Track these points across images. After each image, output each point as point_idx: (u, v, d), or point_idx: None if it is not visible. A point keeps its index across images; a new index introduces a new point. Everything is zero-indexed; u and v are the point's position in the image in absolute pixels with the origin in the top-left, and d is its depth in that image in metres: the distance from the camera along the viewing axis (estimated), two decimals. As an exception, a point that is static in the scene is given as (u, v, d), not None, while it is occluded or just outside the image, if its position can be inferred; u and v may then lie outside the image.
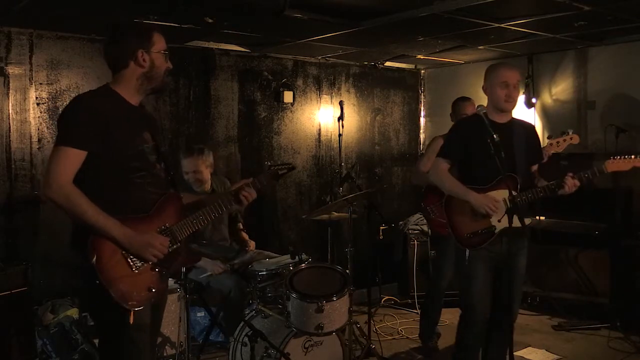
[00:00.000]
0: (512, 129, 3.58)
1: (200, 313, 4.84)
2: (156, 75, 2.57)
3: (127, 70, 2.53)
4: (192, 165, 4.44)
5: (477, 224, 3.48)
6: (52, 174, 2.36)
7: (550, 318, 5.49)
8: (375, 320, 5.35)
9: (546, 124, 6.00)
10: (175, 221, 2.60)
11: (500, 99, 3.51)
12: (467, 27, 4.63)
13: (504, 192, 3.44)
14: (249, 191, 2.82)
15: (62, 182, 2.35)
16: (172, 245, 2.55)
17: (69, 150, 2.38)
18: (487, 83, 3.59)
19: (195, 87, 5.39)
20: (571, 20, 4.48)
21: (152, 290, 2.47)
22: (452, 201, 3.55)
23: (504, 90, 3.49)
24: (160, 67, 2.57)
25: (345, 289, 3.87)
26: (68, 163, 2.38)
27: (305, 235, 6.05)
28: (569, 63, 5.82)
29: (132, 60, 2.51)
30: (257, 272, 4.14)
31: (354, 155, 6.47)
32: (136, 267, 2.43)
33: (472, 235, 3.48)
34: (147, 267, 2.46)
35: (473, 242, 3.48)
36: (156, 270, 2.50)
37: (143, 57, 2.52)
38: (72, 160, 2.38)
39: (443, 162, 3.60)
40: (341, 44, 5.38)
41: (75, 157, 2.39)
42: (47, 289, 4.49)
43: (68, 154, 2.38)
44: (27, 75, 4.55)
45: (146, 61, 2.52)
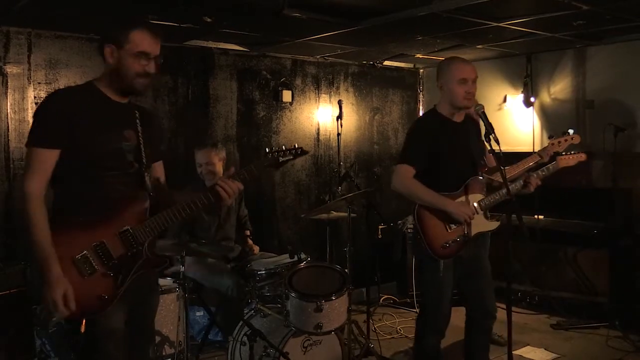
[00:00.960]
0: (467, 128, 3.51)
1: (199, 312, 4.83)
2: (123, 76, 2.43)
3: (105, 65, 2.48)
4: (205, 157, 4.50)
5: (451, 233, 3.36)
6: (24, 179, 2.35)
7: (549, 317, 5.49)
8: (374, 320, 5.35)
9: (545, 123, 6.01)
10: (137, 222, 2.45)
11: (459, 97, 3.36)
12: (465, 27, 4.63)
13: (475, 196, 3.42)
14: (225, 183, 2.51)
15: (29, 189, 2.33)
16: (132, 249, 2.43)
17: (36, 151, 2.36)
18: (443, 80, 3.40)
19: (194, 86, 5.39)
20: (570, 20, 4.48)
21: (105, 297, 2.36)
22: (423, 212, 3.35)
23: (462, 87, 3.35)
24: (129, 67, 2.42)
25: (344, 288, 3.87)
26: (37, 166, 2.35)
27: (304, 234, 6.05)
28: (568, 62, 5.82)
29: (102, 54, 2.46)
30: (256, 272, 4.15)
31: (353, 155, 6.47)
32: (85, 273, 2.35)
33: (447, 245, 3.34)
34: (97, 273, 2.36)
35: (447, 252, 3.35)
36: (110, 276, 2.39)
37: (112, 53, 2.42)
38: (42, 161, 2.36)
39: (408, 168, 3.32)
40: (340, 43, 5.37)
41: (45, 158, 2.36)
42: (46, 289, 4.48)
43: (35, 155, 2.37)
44: (26, 74, 4.54)
45: (113, 58, 2.42)
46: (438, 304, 3.46)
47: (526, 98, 6.03)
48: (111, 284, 2.39)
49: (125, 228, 2.43)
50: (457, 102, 3.40)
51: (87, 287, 2.33)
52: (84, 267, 2.34)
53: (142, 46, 2.41)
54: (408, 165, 3.33)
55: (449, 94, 3.40)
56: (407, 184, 3.33)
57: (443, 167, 3.36)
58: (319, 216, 4.77)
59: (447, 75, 3.40)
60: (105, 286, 2.38)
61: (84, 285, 2.33)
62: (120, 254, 2.41)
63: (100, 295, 2.36)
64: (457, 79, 3.36)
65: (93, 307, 2.35)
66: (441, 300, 3.44)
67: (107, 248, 2.39)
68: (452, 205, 3.33)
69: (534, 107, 6.03)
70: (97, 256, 2.37)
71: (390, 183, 3.40)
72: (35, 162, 2.36)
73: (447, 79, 3.39)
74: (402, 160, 3.39)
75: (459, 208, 3.33)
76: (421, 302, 3.63)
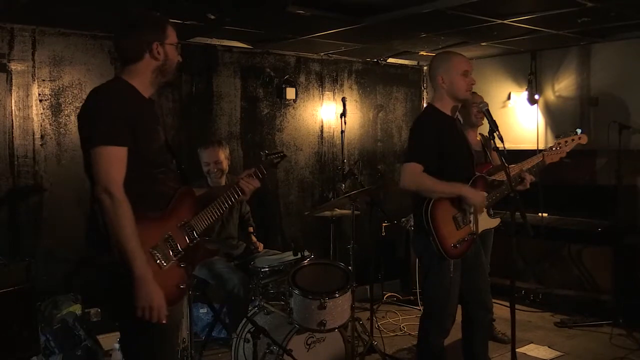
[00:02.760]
0: (458, 125, 3.55)
1: (203, 309, 4.85)
2: (169, 69, 2.53)
3: (142, 63, 2.46)
4: (213, 155, 4.50)
5: (460, 232, 3.36)
6: (103, 180, 2.26)
7: (552, 315, 5.48)
8: (378, 317, 5.35)
9: (549, 121, 5.99)
10: (192, 215, 2.57)
11: (461, 89, 3.36)
12: (470, 24, 4.62)
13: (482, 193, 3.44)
14: (248, 180, 2.82)
15: (117, 193, 2.26)
16: (193, 240, 2.53)
17: (113, 149, 2.30)
18: (442, 73, 3.37)
19: (197, 83, 5.39)
20: (574, 17, 4.47)
21: (181, 287, 2.44)
22: (435, 211, 3.31)
23: (465, 80, 3.35)
24: (173, 60, 2.53)
25: (347, 286, 3.87)
26: (115, 164, 2.29)
27: (307, 231, 6.05)
28: (572, 59, 5.81)
29: (147, 52, 2.45)
30: (260, 269, 4.15)
31: (357, 152, 6.46)
32: (162, 265, 2.38)
33: (458, 244, 3.33)
34: (173, 264, 2.42)
35: (458, 252, 3.34)
36: (182, 266, 2.46)
37: (158, 49, 2.47)
38: (120, 159, 2.30)
39: (417, 166, 3.29)
40: (344, 41, 5.37)
41: (122, 156, 2.31)
42: (50, 285, 4.50)
43: (113, 153, 2.29)
44: (30, 71, 4.55)
45: (160, 54, 2.48)
46: (446, 304, 3.43)
47: (530, 95, 6.02)
48: (184, 274, 2.47)
49: (184, 221, 2.52)
50: (460, 94, 3.39)
51: (166, 277, 2.37)
52: (160, 258, 2.39)
53: (175, 38, 2.55)
54: (416, 163, 3.30)
55: (450, 87, 3.38)
56: (418, 180, 3.29)
57: (448, 164, 3.36)
58: (322, 213, 4.77)
59: (448, 68, 3.37)
60: (181, 276, 2.45)
61: (163, 276, 2.36)
62: (185, 246, 2.50)
63: (178, 284, 2.43)
64: (460, 71, 3.36)
65: (174, 297, 2.41)
66: (450, 300, 3.43)
67: (175, 240, 2.46)
68: (468, 189, 3.34)
69: (538, 104, 6.02)
70: (169, 248, 2.43)
71: (400, 182, 3.38)
72: (114, 160, 2.29)
73: (449, 72, 3.37)
74: (410, 158, 3.35)
75: (474, 192, 3.34)
76: (428, 302, 3.59)
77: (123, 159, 2.31)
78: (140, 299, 2.26)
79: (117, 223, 2.25)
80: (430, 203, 3.31)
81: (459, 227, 3.36)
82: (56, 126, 4.67)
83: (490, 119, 3.30)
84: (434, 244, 3.30)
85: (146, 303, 2.26)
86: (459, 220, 3.37)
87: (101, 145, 2.29)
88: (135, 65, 2.47)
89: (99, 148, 2.29)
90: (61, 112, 4.69)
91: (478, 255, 3.55)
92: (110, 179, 2.27)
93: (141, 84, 2.49)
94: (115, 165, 2.29)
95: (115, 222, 2.25)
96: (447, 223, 3.33)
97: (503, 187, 3.50)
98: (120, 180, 2.29)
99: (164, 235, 2.43)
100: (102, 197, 2.25)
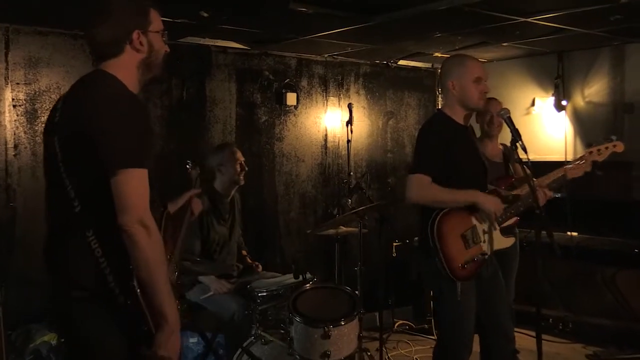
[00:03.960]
0: (471, 132, 3.58)
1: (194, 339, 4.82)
2: (156, 61, 2.34)
3: (122, 58, 2.26)
4: (240, 154, 4.64)
5: (470, 251, 3.36)
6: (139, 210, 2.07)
7: (584, 347, 5.45)
8: (388, 348, 5.33)
9: (578, 129, 5.99)
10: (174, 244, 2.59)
11: (474, 97, 3.39)
12: (489, 22, 4.64)
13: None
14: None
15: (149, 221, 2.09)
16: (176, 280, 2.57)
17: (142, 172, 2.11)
18: (454, 78, 3.39)
19: (188, 88, 5.41)
20: (606, 14, 4.48)
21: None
22: (442, 228, 3.31)
23: (479, 87, 3.38)
24: (160, 50, 2.34)
25: (354, 313, 3.86)
26: (145, 190, 2.11)
27: (310, 252, 6.04)
28: (604, 61, 5.82)
29: (127, 43, 2.25)
30: (257, 293, 4.14)
31: (364, 164, 6.46)
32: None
33: (466, 264, 3.33)
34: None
35: (466, 274, 3.34)
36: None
37: (140, 39, 2.27)
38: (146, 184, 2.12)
39: (423, 177, 3.30)
40: (350, 41, 5.39)
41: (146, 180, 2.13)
42: (23, 312, 4.49)
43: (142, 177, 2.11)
44: (3, 74, 4.57)
45: (144, 44, 2.28)
46: (458, 333, 3.43)
47: (557, 101, 6.02)
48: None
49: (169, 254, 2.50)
50: (472, 102, 3.42)
51: None
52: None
53: (160, 24, 2.36)
54: (422, 174, 3.31)
55: (461, 94, 3.40)
56: (426, 192, 3.31)
57: (458, 175, 3.37)
58: (326, 232, 4.77)
59: (460, 73, 3.40)
60: None
61: None
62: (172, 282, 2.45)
63: None
64: (473, 77, 3.38)
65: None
66: (461, 327, 3.41)
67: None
68: (483, 195, 3.35)
69: (566, 111, 6.02)
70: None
71: (405, 196, 3.39)
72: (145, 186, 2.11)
73: (461, 77, 3.39)
74: (416, 169, 3.37)
75: (490, 198, 3.35)
76: (439, 330, 3.59)
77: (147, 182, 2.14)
78: (167, 349, 2.14)
79: (154, 261, 2.09)
80: (436, 219, 3.31)
81: (468, 245, 3.36)
82: (32, 135, 4.68)
83: (513, 127, 3.31)
84: (439, 263, 3.29)
85: (169, 354, 2.15)
86: (469, 238, 3.37)
87: (131, 167, 2.08)
88: (115, 60, 2.26)
89: (127, 171, 2.07)
90: (37, 119, 4.71)
91: (495, 277, 3.54)
92: (145, 210, 2.09)
93: (131, 84, 2.28)
94: (145, 191, 2.11)
95: (153, 260, 2.09)
96: (455, 241, 3.33)
97: (519, 204, 3.50)
98: (145, 204, 2.10)
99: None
100: (135, 229, 2.05)
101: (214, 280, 4.32)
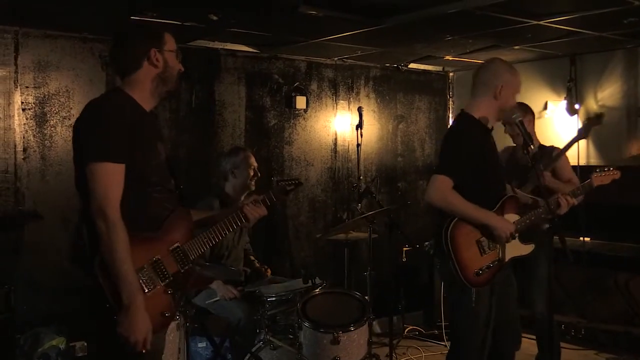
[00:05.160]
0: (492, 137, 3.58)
1: (202, 344, 4.82)
2: (170, 77, 2.66)
3: (140, 73, 2.60)
4: (254, 160, 4.65)
5: (485, 258, 3.34)
6: (98, 200, 2.37)
7: (597, 353, 5.42)
8: (398, 354, 5.32)
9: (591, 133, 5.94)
10: (186, 239, 2.66)
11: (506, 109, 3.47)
12: (501, 25, 4.63)
13: (511, 216, 3.43)
14: (254, 208, 2.88)
15: (113, 215, 2.37)
16: (184, 266, 2.61)
17: (111, 166, 2.40)
18: (505, 85, 3.40)
19: (197, 91, 5.42)
20: (620, 17, 4.46)
21: (166, 315, 2.51)
22: (457, 233, 3.30)
23: (513, 100, 3.47)
24: (174, 67, 2.66)
25: (364, 318, 3.85)
26: (111, 182, 2.40)
27: (319, 256, 6.04)
28: (617, 64, 5.79)
29: (145, 60, 2.59)
30: (266, 298, 4.14)
31: (374, 168, 6.45)
32: (145, 289, 2.45)
33: (481, 271, 3.31)
34: (159, 289, 2.50)
35: (481, 280, 3.32)
36: (169, 293, 2.53)
37: (156, 56, 2.60)
38: (118, 177, 2.42)
39: (446, 180, 3.29)
40: (360, 44, 5.39)
41: (119, 173, 2.42)
42: (31, 316, 4.51)
43: (111, 170, 2.40)
44: (12, 77, 4.59)
45: (159, 61, 2.61)
46: (472, 338, 3.40)
47: (570, 105, 6.00)
48: (170, 301, 2.54)
49: (176, 245, 2.60)
50: (502, 115, 3.50)
51: (151, 302, 2.45)
52: (145, 283, 2.46)
53: (174, 45, 2.68)
54: (446, 176, 3.29)
55: (503, 101, 3.42)
56: (446, 197, 3.29)
57: (483, 181, 3.36)
58: (336, 236, 4.76)
59: (511, 82, 3.42)
60: (166, 303, 2.53)
61: (148, 300, 2.44)
62: (174, 271, 2.58)
63: (162, 312, 2.51)
64: (517, 90, 3.46)
65: (156, 326, 2.47)
66: (475, 332, 3.39)
67: (164, 264, 2.54)
68: (496, 219, 3.33)
69: (578, 115, 5.99)
70: (156, 272, 2.51)
71: (425, 195, 3.40)
72: (112, 179, 2.40)
73: (511, 86, 3.41)
74: (440, 170, 3.34)
75: (503, 223, 3.33)
76: (452, 336, 3.57)
77: (120, 177, 2.42)
78: (123, 328, 2.36)
79: (110, 246, 2.36)
80: (451, 223, 3.30)
81: (483, 252, 3.34)
82: (41, 138, 4.71)
83: (524, 131, 3.31)
84: (453, 269, 3.28)
85: (127, 333, 2.36)
86: (484, 245, 3.35)
87: (97, 162, 2.39)
88: (134, 75, 2.60)
89: (95, 164, 2.39)
90: (46, 122, 4.73)
91: (508, 280, 3.52)
92: (106, 199, 2.38)
93: (142, 96, 2.61)
94: (111, 183, 2.40)
95: (109, 245, 2.36)
96: (469, 247, 3.31)
97: (540, 210, 3.47)
98: (116, 200, 2.40)
99: (152, 258, 2.51)
100: (95, 217, 2.37)
101: (221, 285, 4.32)
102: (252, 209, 2.88)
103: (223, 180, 4.65)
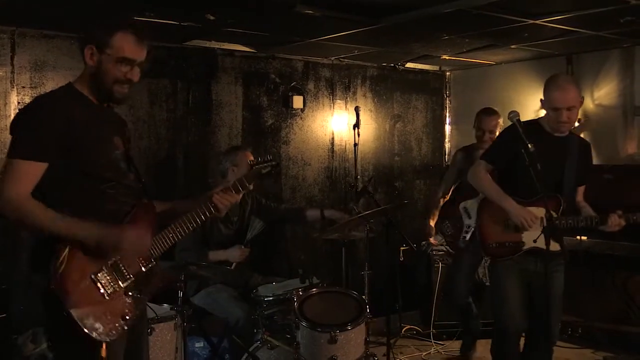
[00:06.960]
0: (567, 145, 3.70)
1: (199, 344, 4.82)
2: (101, 81, 2.51)
3: (86, 67, 2.55)
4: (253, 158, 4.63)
5: (505, 236, 3.67)
6: (6, 192, 2.34)
7: (594, 352, 5.43)
8: (395, 353, 5.32)
9: (588, 132, 5.97)
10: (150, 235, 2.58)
11: (551, 121, 3.65)
12: (497, 24, 4.64)
13: (540, 210, 3.47)
14: (223, 196, 2.75)
15: (12, 195, 2.33)
16: (148, 264, 2.55)
17: (21, 163, 2.36)
18: (545, 99, 3.66)
19: (194, 91, 5.42)
20: (616, 16, 4.46)
21: (127, 318, 2.45)
22: (487, 205, 3.73)
23: (554, 114, 3.61)
24: (108, 72, 2.49)
25: (361, 317, 3.86)
26: (20, 177, 2.36)
27: (316, 256, 6.04)
28: (614, 64, 5.80)
29: (82, 54, 2.52)
30: (263, 298, 4.14)
31: (371, 167, 6.46)
32: (108, 294, 2.40)
33: (497, 245, 3.69)
34: (119, 292, 2.44)
35: (496, 253, 3.71)
36: (129, 295, 2.48)
37: (92, 55, 2.49)
38: (26, 174, 2.37)
39: (485, 165, 3.76)
40: (357, 44, 5.40)
41: (30, 171, 2.37)
42: (28, 316, 4.50)
43: (20, 167, 2.36)
44: (9, 77, 4.59)
45: (93, 60, 2.49)
46: (499, 315, 3.78)
47: (566, 104, 6.01)
48: (132, 303, 2.48)
49: None
50: (549, 126, 3.67)
51: (110, 306, 2.40)
52: (104, 286, 2.40)
53: (124, 51, 2.48)
54: (486, 163, 3.76)
55: (546, 114, 3.71)
56: (479, 177, 3.75)
57: (523, 174, 3.49)
58: (333, 236, 4.76)
59: (546, 96, 3.66)
60: (127, 305, 2.47)
61: (107, 304, 2.39)
62: (136, 271, 2.52)
63: (123, 314, 2.45)
64: (551, 106, 3.62)
65: (118, 328, 2.41)
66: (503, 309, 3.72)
67: (124, 265, 2.47)
68: (511, 204, 3.60)
69: (575, 114, 6.00)
70: (116, 274, 2.45)
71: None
72: (18, 173, 2.37)
73: (545, 100, 3.66)
74: (484, 156, 3.83)
75: (517, 210, 3.58)
76: None
77: (32, 174, 2.37)
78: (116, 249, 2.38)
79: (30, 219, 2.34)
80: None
81: (507, 229, 3.65)
82: (37, 138, 4.70)
83: (522, 130, 3.34)
84: (477, 232, 3.79)
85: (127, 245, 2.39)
86: (510, 225, 3.63)
87: (12, 158, 2.37)
88: (84, 68, 2.56)
89: (9, 160, 2.38)
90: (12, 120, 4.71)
91: (549, 277, 3.56)
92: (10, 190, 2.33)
93: (87, 90, 2.55)
94: (16, 176, 2.36)
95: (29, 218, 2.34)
96: (496, 220, 3.69)
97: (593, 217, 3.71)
98: (16, 188, 2.34)
99: (111, 259, 2.44)
100: (3, 211, 2.33)
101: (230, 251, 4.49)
102: (221, 197, 2.74)
103: (222, 178, 4.65)
